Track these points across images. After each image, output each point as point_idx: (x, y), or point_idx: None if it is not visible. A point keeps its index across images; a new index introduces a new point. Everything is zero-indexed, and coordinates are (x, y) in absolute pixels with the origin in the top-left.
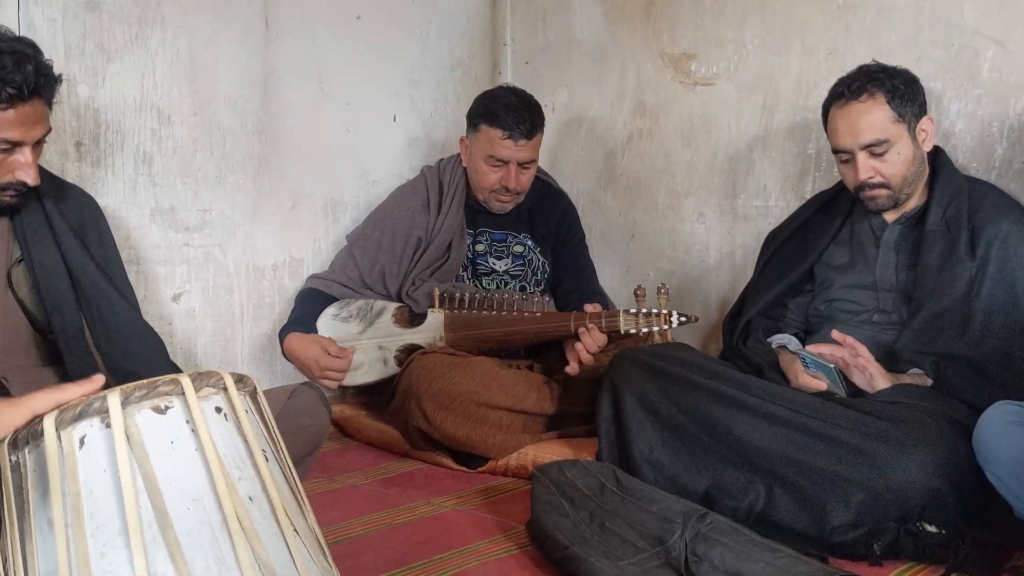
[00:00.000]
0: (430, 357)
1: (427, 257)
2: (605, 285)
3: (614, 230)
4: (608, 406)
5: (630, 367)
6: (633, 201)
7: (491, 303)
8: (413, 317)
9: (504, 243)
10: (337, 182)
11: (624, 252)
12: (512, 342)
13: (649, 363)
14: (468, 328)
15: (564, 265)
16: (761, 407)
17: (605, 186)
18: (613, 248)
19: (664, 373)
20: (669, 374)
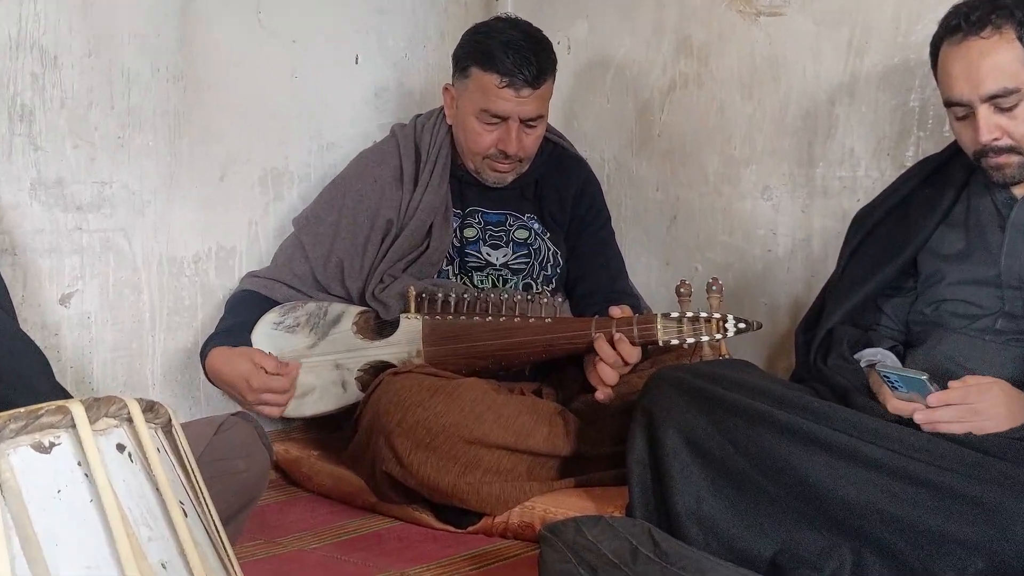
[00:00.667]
0: (404, 379)
1: (400, 246)
2: (638, 283)
3: (650, 210)
4: (642, 444)
5: (671, 392)
6: (675, 171)
7: (485, 307)
8: (381, 326)
9: (502, 227)
10: (281, 146)
11: (663, 239)
12: (513, 358)
13: (696, 387)
14: (454, 340)
15: (583, 256)
16: (847, 446)
17: (638, 151)
18: (649, 233)
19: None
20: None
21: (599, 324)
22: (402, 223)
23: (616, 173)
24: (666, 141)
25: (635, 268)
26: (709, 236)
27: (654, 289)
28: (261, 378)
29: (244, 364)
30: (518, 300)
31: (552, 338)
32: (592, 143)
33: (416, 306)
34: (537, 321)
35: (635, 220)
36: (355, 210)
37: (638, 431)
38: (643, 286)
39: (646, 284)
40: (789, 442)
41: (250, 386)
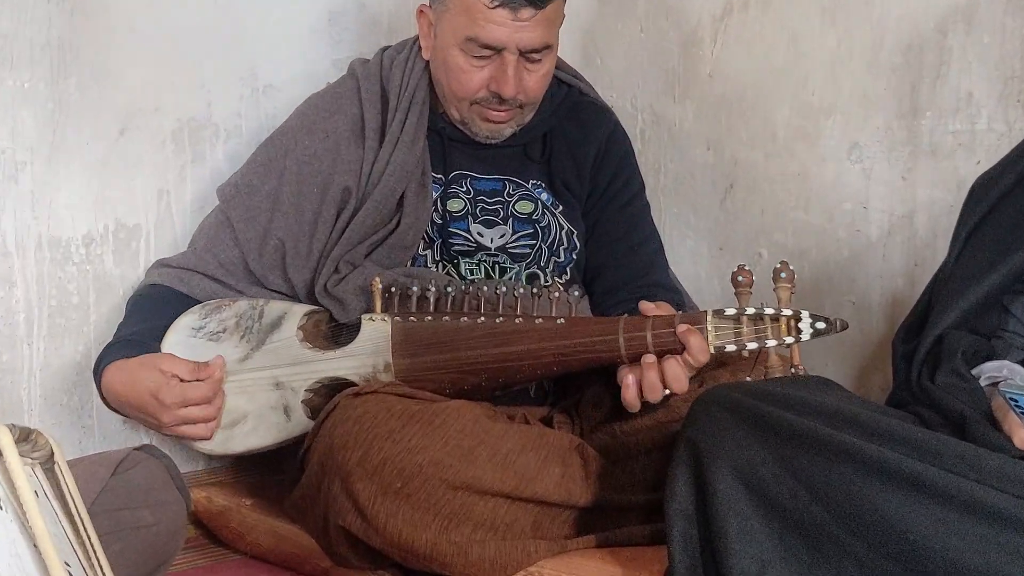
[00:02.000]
0: (367, 403)
1: (361, 223)
2: (682, 274)
3: (698, 176)
4: (686, 490)
5: (725, 419)
6: (732, 124)
7: (476, 305)
8: (336, 331)
9: (499, 198)
10: (200, 90)
11: (716, 215)
12: (514, 373)
13: (760, 412)
14: (435, 349)
15: (607, 238)
16: (962, 492)
17: (682, 97)
18: (696, 208)
19: (787, 430)
20: (796, 432)
21: (630, 325)
22: (364, 192)
23: (652, 127)
24: (720, 84)
25: (677, 254)
26: (777, 211)
27: (703, 281)
28: (175, 389)
29: (150, 376)
30: (520, 296)
31: (566, 346)
32: (620, 86)
33: (383, 304)
34: (546, 323)
35: (678, 190)
36: (301, 175)
37: (682, 472)
38: (688, 278)
39: (693, 275)
40: (884, 486)
41: (162, 403)
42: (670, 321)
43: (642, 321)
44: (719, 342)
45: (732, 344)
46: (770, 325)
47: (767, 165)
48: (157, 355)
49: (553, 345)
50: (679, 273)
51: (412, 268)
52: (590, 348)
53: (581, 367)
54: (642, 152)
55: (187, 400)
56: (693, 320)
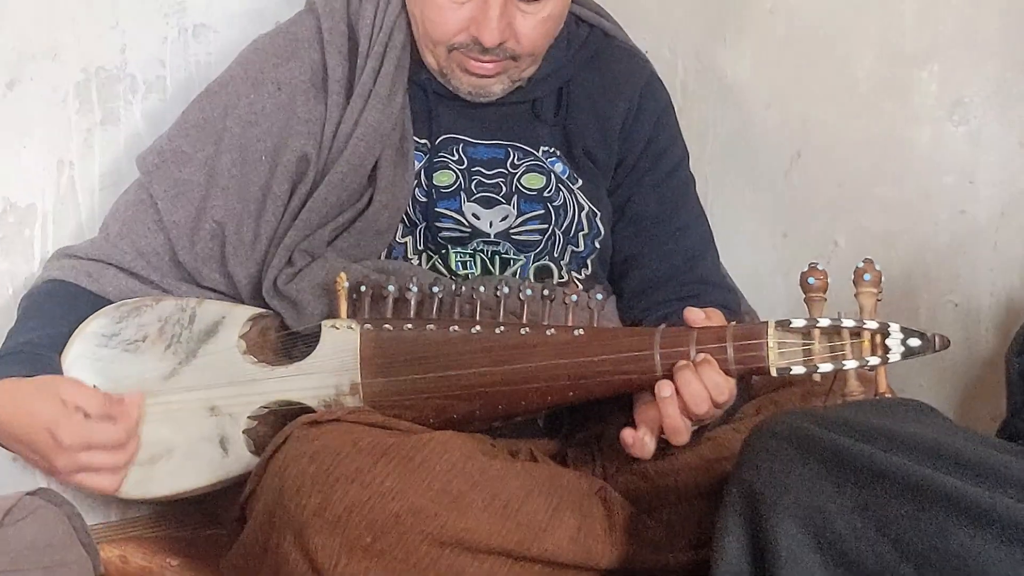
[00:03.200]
0: (329, 434)
1: (323, 202)
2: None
3: (757, 140)
4: (739, 547)
5: (791, 456)
6: (800, 75)
7: (470, 309)
8: (289, 342)
9: (501, 170)
10: (112, 31)
11: (780, 192)
12: (518, 399)
13: (833, 446)
14: (416, 366)
15: (642, 222)
16: None
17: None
18: (755, 183)
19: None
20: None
21: (667, 337)
22: (326, 162)
23: (697, 78)
24: (783, 23)
25: (731, 242)
26: (858, 187)
27: (763, 278)
28: (77, 427)
29: (47, 406)
30: (527, 298)
31: (586, 365)
32: (656, 26)
33: (350, 307)
34: (560, 334)
35: (730, 159)
36: (245, 140)
37: (734, 524)
38: (744, 273)
39: (749, 270)
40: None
41: (59, 442)
42: (721, 335)
43: (686, 334)
44: (783, 363)
45: (800, 365)
46: (849, 342)
47: (845, 127)
48: (60, 379)
49: (569, 364)
50: (731, 268)
51: (388, 261)
52: (617, 368)
53: (605, 393)
54: (684, 110)
55: (91, 443)
56: (749, 333)
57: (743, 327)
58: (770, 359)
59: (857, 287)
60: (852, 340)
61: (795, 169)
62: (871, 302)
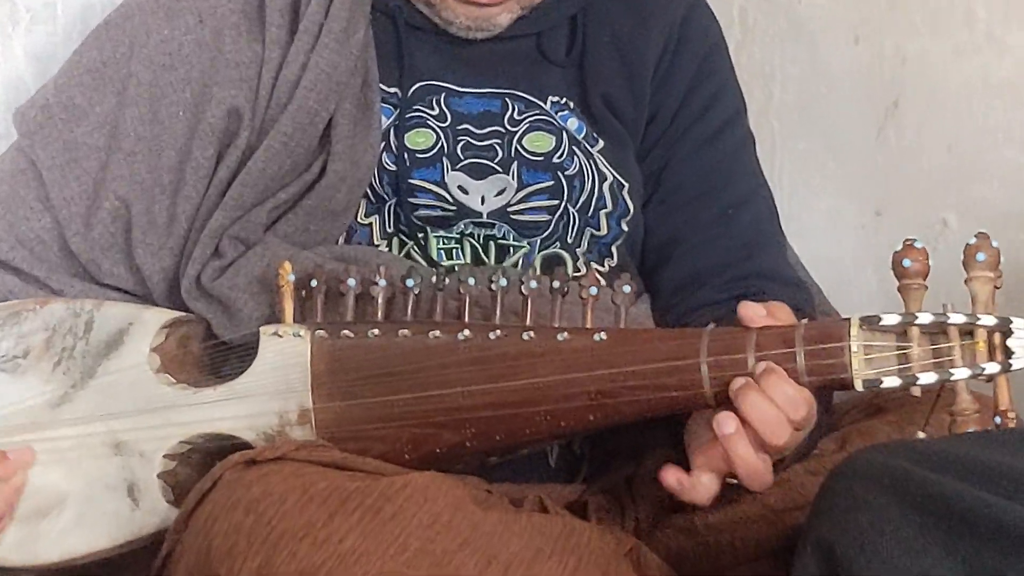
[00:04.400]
0: (270, 477)
1: (260, 172)
2: (813, 252)
3: (839, 87)
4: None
5: (880, 504)
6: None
7: (455, 309)
8: (217, 355)
9: (496, 127)
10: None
11: (870, 154)
12: (521, 427)
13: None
14: (385, 385)
15: (684, 194)
16: None
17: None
18: (835, 142)
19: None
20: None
21: (717, 343)
22: (264, 118)
23: (760, 5)
24: None
25: (804, 223)
26: (974, 148)
27: (849, 270)
28: None
29: None
30: (531, 291)
31: (609, 378)
32: None
33: (298, 308)
34: (576, 340)
35: (804, 113)
36: (156, 89)
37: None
38: (823, 265)
39: (830, 258)
40: None
41: None
42: (788, 337)
43: (741, 336)
44: (871, 372)
45: (894, 376)
46: (959, 343)
47: (956, 68)
48: None
49: (588, 378)
50: (805, 257)
51: (347, 247)
52: (652, 383)
53: (636, 416)
54: (742, 47)
55: None
56: (825, 334)
57: (817, 326)
58: (854, 367)
59: (968, 270)
60: (963, 341)
61: (890, 125)
62: (987, 290)
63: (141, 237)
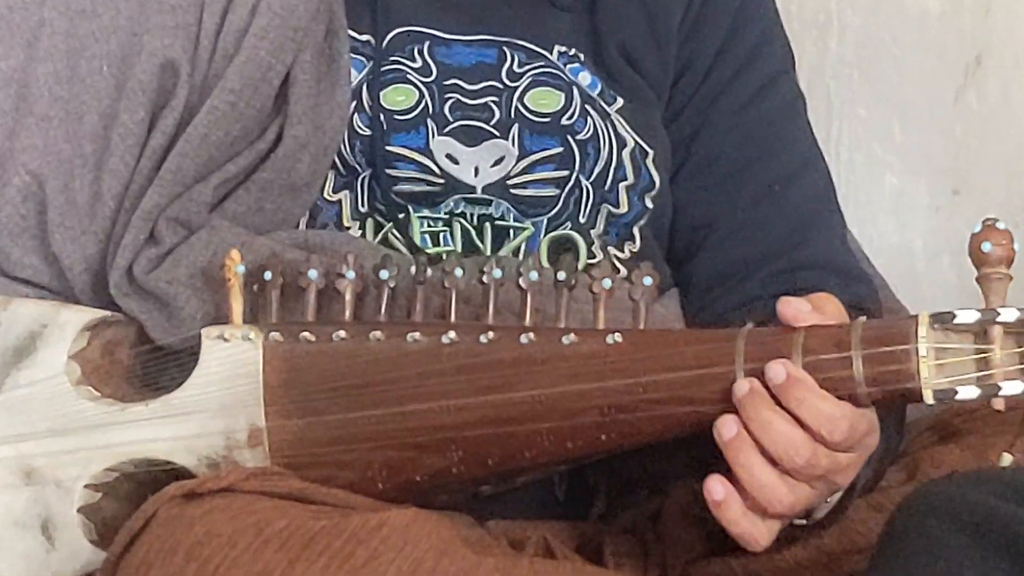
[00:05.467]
0: (215, 513)
1: (202, 139)
2: (877, 240)
3: (908, 39)
4: None
5: (958, 545)
6: None
7: (439, 307)
8: (152, 364)
9: (492, 82)
10: None
11: (947, 121)
12: (520, 450)
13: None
14: (354, 399)
15: (719, 166)
16: None
17: None
18: (906, 108)
19: None
20: None
21: (755, 345)
22: (207, 73)
23: None
24: None
25: (867, 204)
26: None
27: (921, 260)
28: None
29: None
30: (531, 284)
31: (627, 389)
32: None
33: (249, 306)
34: (586, 342)
35: (868, 70)
36: (74, 39)
37: None
38: (891, 253)
39: (899, 248)
40: None
41: None
42: (841, 338)
43: (785, 337)
44: (943, 381)
45: (972, 386)
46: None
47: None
48: None
49: (600, 390)
50: (869, 244)
51: (310, 232)
52: (678, 395)
53: (659, 436)
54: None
55: None
56: (888, 334)
57: (878, 324)
58: (922, 375)
59: None
60: None
61: (972, 85)
62: None
63: (58, 220)
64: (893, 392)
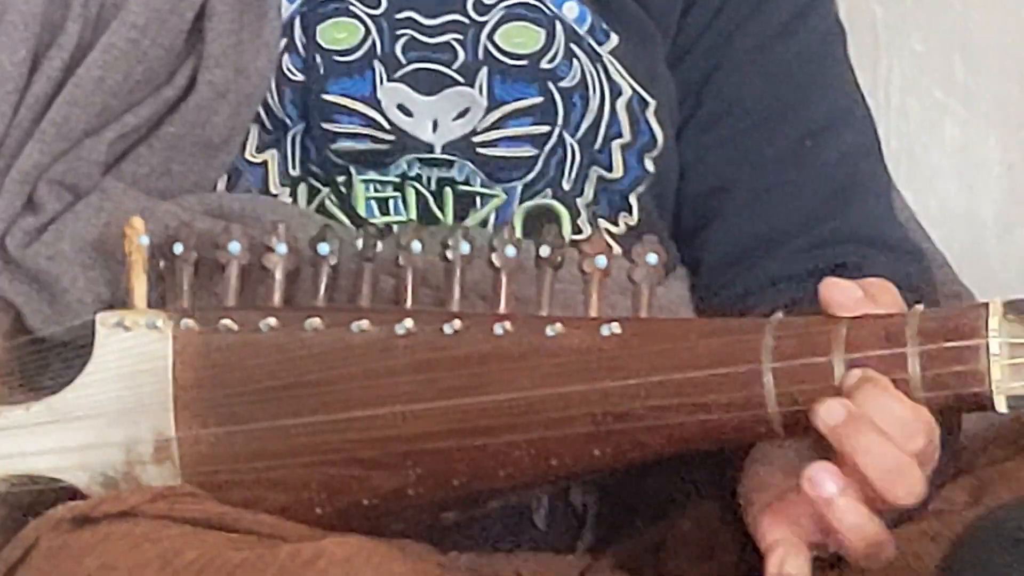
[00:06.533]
0: (113, 540)
1: (95, 86)
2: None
3: None
4: None
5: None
6: None
7: (392, 288)
8: (31, 356)
9: (454, 16)
10: None
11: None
12: (492, 467)
13: None
14: (283, 401)
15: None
16: None
17: None
18: (970, 50)
19: None
20: None
21: (787, 339)
22: (101, 3)
23: None
24: None
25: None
26: None
27: (990, 224)
28: None
29: None
30: (506, 263)
31: (626, 391)
32: None
33: (155, 286)
34: (575, 334)
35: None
36: None
37: None
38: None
39: (957, 218)
40: None
41: None
42: (895, 330)
43: (824, 330)
44: (1020, 385)
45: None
46: None
47: None
48: None
49: (592, 393)
50: (925, 209)
51: (230, 196)
52: (688, 401)
53: (664, 450)
54: None
55: None
56: (951, 327)
57: (939, 315)
58: (993, 377)
59: None
60: None
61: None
62: None
63: None
64: (957, 397)
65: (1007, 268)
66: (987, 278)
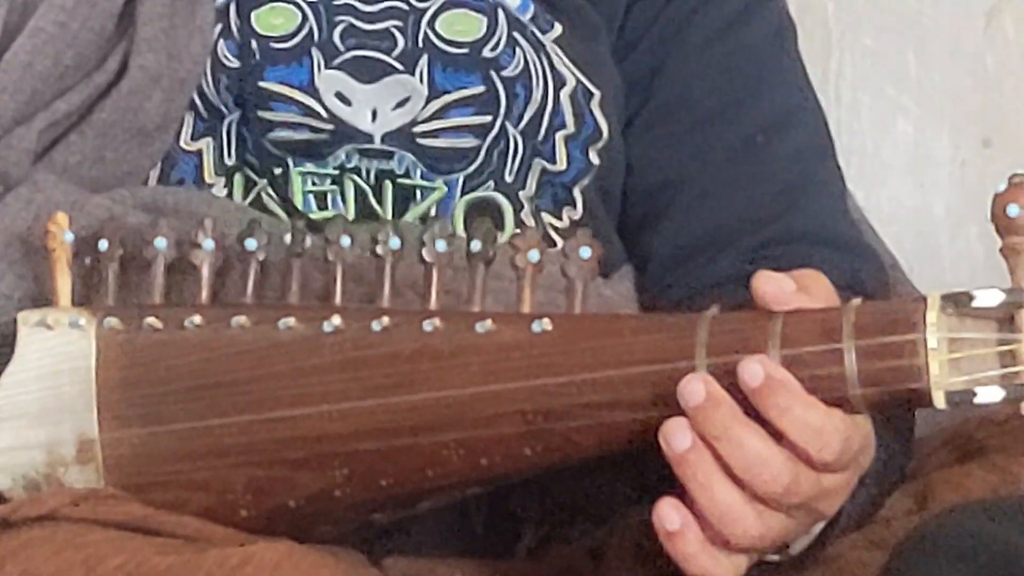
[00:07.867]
0: (35, 545)
1: (23, 66)
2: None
3: None
4: None
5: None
6: None
7: (321, 284)
8: None
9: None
10: None
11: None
12: (420, 464)
13: None
14: (208, 400)
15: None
16: None
17: None
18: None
19: None
20: None
21: (721, 333)
22: None
23: None
24: None
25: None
26: None
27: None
28: None
29: None
30: (438, 257)
31: (558, 389)
32: None
33: (80, 284)
34: (506, 330)
35: None
36: None
37: None
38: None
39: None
40: None
41: None
42: (831, 324)
43: (759, 324)
44: (959, 381)
45: (994, 387)
46: None
47: None
48: None
49: (523, 391)
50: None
51: (161, 189)
52: (622, 398)
53: (599, 450)
54: None
55: None
56: (888, 320)
57: (876, 308)
58: (931, 372)
59: None
60: None
61: (1007, 8)
62: None
63: None
64: (894, 394)
65: (958, 266)
66: (938, 276)
